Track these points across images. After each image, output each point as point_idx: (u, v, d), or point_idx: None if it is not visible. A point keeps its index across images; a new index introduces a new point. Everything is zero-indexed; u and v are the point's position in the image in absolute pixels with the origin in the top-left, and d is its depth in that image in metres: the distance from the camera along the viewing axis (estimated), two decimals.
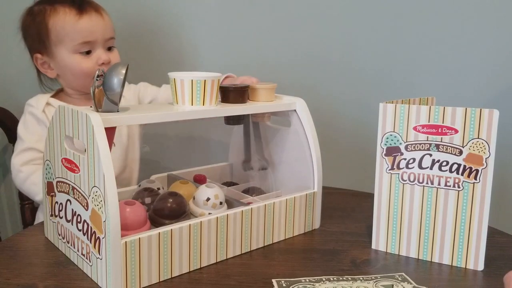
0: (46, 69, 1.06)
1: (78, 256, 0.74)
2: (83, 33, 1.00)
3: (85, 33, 1.00)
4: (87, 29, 1.01)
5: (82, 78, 1.03)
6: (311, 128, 0.91)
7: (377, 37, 1.28)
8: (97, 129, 0.66)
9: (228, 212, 0.79)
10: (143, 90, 1.15)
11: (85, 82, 1.02)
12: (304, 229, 0.91)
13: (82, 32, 1.00)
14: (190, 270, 0.75)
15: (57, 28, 1.00)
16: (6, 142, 1.31)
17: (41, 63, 1.05)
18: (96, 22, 1.02)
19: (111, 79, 0.71)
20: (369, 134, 1.05)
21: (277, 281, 0.72)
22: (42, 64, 1.06)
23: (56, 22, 1.00)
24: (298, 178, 0.94)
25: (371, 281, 0.72)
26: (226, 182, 1.02)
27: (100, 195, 0.66)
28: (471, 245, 0.77)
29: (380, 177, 0.83)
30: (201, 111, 0.80)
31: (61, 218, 0.78)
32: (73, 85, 1.06)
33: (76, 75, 1.03)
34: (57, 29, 1.00)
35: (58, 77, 1.07)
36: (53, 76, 1.07)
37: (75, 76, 1.03)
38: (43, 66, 1.06)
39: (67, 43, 1.01)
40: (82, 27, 1.00)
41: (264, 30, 1.31)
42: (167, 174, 0.99)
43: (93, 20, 1.01)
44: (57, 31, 1.01)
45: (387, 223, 0.83)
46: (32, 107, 1.04)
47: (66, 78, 1.06)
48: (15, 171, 1.01)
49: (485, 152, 0.74)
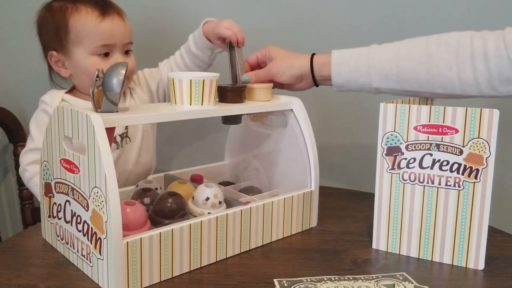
0: (60, 67, 1.03)
1: (77, 257, 0.74)
2: (104, 35, 0.98)
3: (106, 36, 0.98)
4: (108, 32, 0.98)
5: None
6: (308, 127, 0.92)
7: (377, 37, 1.28)
8: (98, 129, 0.66)
9: (227, 212, 0.79)
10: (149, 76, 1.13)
11: None
12: (302, 228, 0.91)
13: (103, 34, 0.98)
14: (191, 269, 0.75)
15: (77, 28, 0.98)
16: (6, 142, 1.31)
17: (55, 61, 1.03)
18: (118, 25, 1.00)
19: (110, 79, 0.71)
20: (369, 133, 1.05)
21: (278, 281, 0.72)
22: (56, 62, 1.03)
23: (77, 21, 0.98)
24: (295, 177, 0.94)
25: (372, 281, 0.72)
26: (223, 181, 1.02)
27: (101, 196, 0.66)
28: (472, 245, 0.77)
29: (380, 177, 0.83)
30: (200, 111, 0.80)
31: (59, 219, 0.78)
32: (86, 86, 1.03)
33: (90, 77, 1.01)
34: (78, 28, 0.98)
35: (71, 77, 1.05)
36: (66, 76, 1.04)
37: (90, 78, 1.01)
38: (57, 64, 1.03)
39: (86, 44, 0.98)
40: (103, 30, 0.98)
41: (263, 30, 1.31)
42: (164, 174, 0.99)
43: (115, 24, 1.00)
44: (77, 30, 0.98)
45: (388, 222, 0.83)
46: (46, 105, 1.02)
47: (79, 79, 1.03)
48: (22, 168, 1.01)
49: (486, 152, 0.74)
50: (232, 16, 0.99)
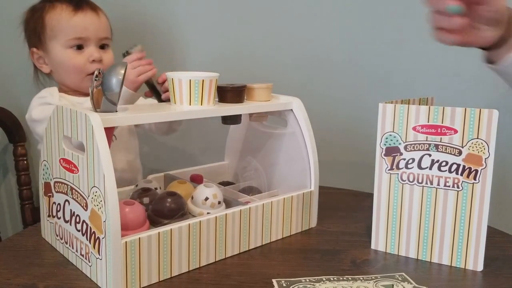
0: (41, 64, 1.09)
1: (76, 256, 0.74)
2: (76, 28, 1.03)
3: (78, 29, 1.03)
4: (80, 25, 1.03)
5: (73, 74, 1.05)
6: (308, 127, 0.92)
7: (377, 36, 1.28)
8: (97, 129, 0.66)
9: (226, 212, 0.79)
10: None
11: (75, 78, 1.05)
12: (302, 228, 0.91)
13: (75, 27, 1.03)
14: (190, 269, 0.75)
15: (52, 23, 1.04)
16: (6, 142, 1.31)
17: (37, 58, 1.08)
18: (91, 20, 1.05)
19: (110, 79, 0.71)
20: (368, 134, 1.04)
21: (277, 281, 0.72)
22: (38, 59, 1.08)
23: (52, 17, 1.04)
24: (295, 178, 0.95)
25: (371, 281, 0.72)
26: (223, 181, 1.02)
27: (100, 195, 0.66)
28: (470, 246, 0.77)
29: (379, 177, 0.83)
30: (200, 111, 0.80)
31: (59, 218, 0.78)
32: (65, 81, 1.08)
33: (67, 71, 1.05)
34: (52, 23, 1.04)
35: (52, 73, 1.09)
36: (47, 72, 1.09)
37: (67, 71, 1.05)
38: (39, 61, 1.08)
39: (61, 38, 1.03)
40: (75, 23, 1.03)
41: (261, 30, 1.31)
42: (164, 174, 0.99)
43: (88, 18, 1.05)
44: (52, 25, 1.04)
45: (387, 223, 0.83)
46: (45, 98, 1.03)
47: (58, 74, 1.08)
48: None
49: (485, 153, 0.74)
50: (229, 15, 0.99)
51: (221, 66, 1.31)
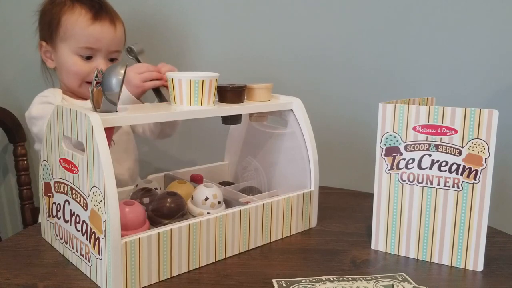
0: (47, 58, 1.08)
1: (76, 256, 0.74)
2: (89, 38, 1.01)
3: (91, 39, 1.01)
4: (94, 36, 1.01)
5: (73, 78, 1.04)
6: (308, 127, 0.92)
7: (377, 37, 1.28)
8: (97, 129, 0.66)
9: (226, 212, 0.79)
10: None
11: (75, 82, 1.04)
12: (302, 228, 0.91)
13: (89, 37, 1.01)
14: (190, 269, 0.75)
15: (67, 26, 1.02)
16: (6, 142, 1.31)
17: (44, 51, 1.08)
18: (107, 32, 1.03)
19: (109, 79, 0.71)
20: (368, 134, 1.04)
21: (277, 281, 0.72)
22: (45, 52, 1.08)
23: (69, 19, 1.02)
24: (295, 178, 0.95)
25: (371, 281, 0.72)
26: (223, 181, 1.02)
27: (99, 195, 0.66)
28: (471, 246, 0.77)
29: (379, 177, 0.83)
30: (199, 111, 0.80)
31: (59, 218, 0.78)
32: (64, 81, 1.08)
33: (68, 74, 1.05)
34: (67, 26, 1.02)
35: (55, 70, 1.09)
36: (51, 66, 1.09)
37: (68, 75, 1.05)
38: (45, 55, 1.08)
39: (71, 43, 1.02)
40: (90, 33, 1.01)
41: (261, 30, 1.31)
42: (164, 174, 0.99)
43: (104, 29, 1.02)
44: (66, 28, 1.02)
45: (387, 223, 0.83)
46: (48, 97, 1.03)
47: (60, 73, 1.08)
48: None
49: (485, 153, 0.74)
50: (231, 17, 0.99)
51: (221, 66, 1.31)
